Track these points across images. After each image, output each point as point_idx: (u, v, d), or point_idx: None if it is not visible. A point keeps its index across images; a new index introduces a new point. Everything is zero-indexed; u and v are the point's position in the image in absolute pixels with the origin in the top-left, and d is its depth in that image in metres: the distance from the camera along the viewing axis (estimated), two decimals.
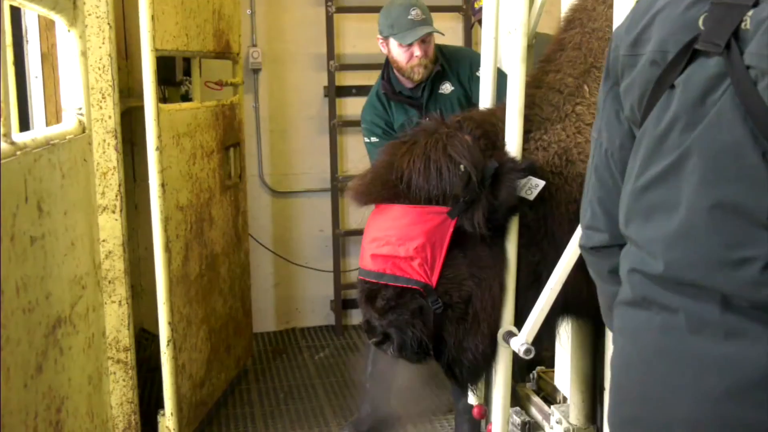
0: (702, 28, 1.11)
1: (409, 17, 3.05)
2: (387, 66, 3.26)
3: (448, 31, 3.80)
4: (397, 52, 3.10)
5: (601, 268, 1.39)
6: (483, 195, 1.93)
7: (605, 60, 1.35)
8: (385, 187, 1.99)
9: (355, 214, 4.68)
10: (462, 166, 1.91)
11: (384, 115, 3.23)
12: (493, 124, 2.07)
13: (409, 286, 1.96)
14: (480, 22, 3.18)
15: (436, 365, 2.13)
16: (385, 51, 3.19)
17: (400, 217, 1.97)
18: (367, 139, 3.24)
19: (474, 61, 3.18)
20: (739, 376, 1.07)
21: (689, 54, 1.12)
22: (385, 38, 3.13)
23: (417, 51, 3.07)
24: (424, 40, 3.06)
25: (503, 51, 2.34)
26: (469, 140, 1.97)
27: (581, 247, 1.43)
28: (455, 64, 3.20)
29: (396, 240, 1.95)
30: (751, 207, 1.05)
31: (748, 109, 1.04)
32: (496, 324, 2.08)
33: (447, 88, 3.18)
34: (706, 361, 1.10)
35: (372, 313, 2.01)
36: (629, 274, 1.22)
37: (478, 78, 3.14)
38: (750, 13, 1.05)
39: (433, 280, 1.95)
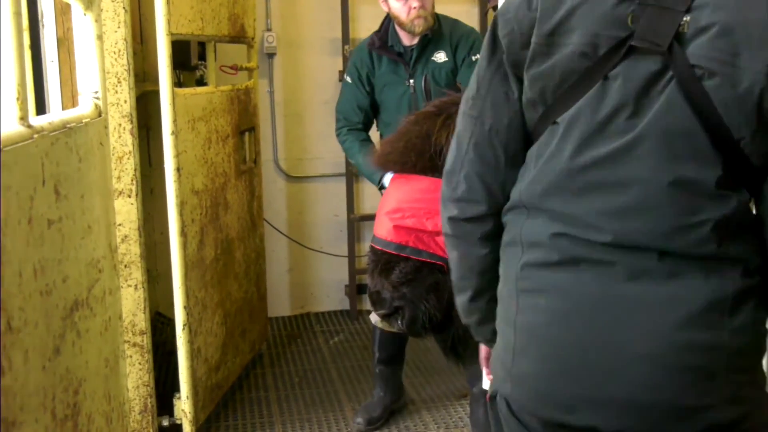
0: (631, 26, 1.24)
1: None
2: (385, 21, 3.36)
3: (463, 15, 3.78)
4: (396, 6, 3.21)
5: (473, 236, 1.50)
6: None
7: (487, 42, 1.44)
8: (421, 159, 1.97)
9: (371, 199, 4.68)
10: None
11: (368, 63, 3.36)
12: None
13: (432, 261, 1.94)
14: (495, 8, 3.17)
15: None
16: (385, 9, 3.30)
17: (432, 190, 1.95)
18: (345, 77, 3.46)
19: (476, 46, 3.24)
20: (685, 309, 1.25)
21: (624, 50, 1.25)
22: None
23: (414, 2, 3.16)
24: None
25: None
26: None
27: (452, 218, 1.51)
28: (457, 39, 3.28)
29: (424, 213, 1.93)
30: (701, 180, 1.24)
31: (693, 101, 1.21)
32: None
33: (441, 57, 3.28)
34: (651, 301, 1.26)
35: (385, 285, 1.99)
36: (553, 238, 1.33)
37: (471, 62, 3.21)
38: (687, 18, 1.21)
39: None
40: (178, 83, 3.84)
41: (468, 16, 4.51)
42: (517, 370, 1.39)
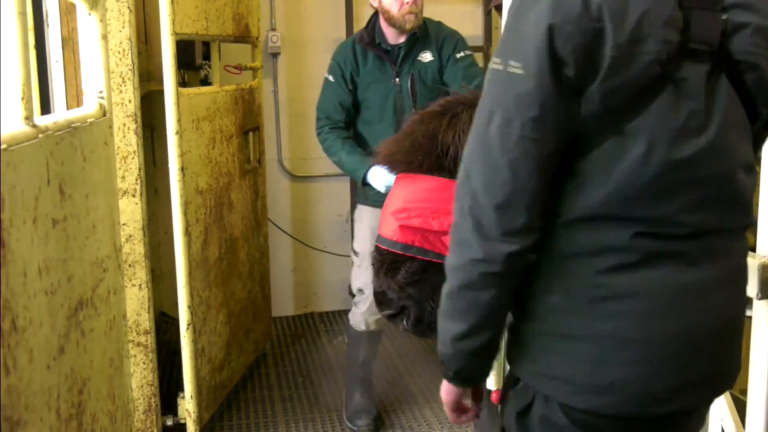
0: (683, 29, 1.30)
1: None
2: (372, 18, 3.35)
3: (467, 15, 3.78)
4: (388, 1, 3.19)
5: (520, 267, 1.38)
6: None
7: (544, 57, 1.30)
8: (428, 158, 1.96)
9: None
10: None
11: (352, 61, 3.32)
12: None
13: (438, 260, 1.93)
14: (497, 8, 3.17)
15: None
16: (375, 4, 3.27)
17: (439, 190, 1.93)
18: (327, 75, 3.40)
19: (459, 44, 3.27)
20: (731, 282, 1.41)
21: (686, 53, 1.31)
22: None
23: None
24: None
25: None
26: None
27: (513, 254, 1.35)
28: (441, 39, 3.31)
29: (430, 213, 1.92)
30: (752, 161, 1.41)
31: (741, 93, 1.35)
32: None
33: (427, 56, 3.29)
34: (711, 280, 1.38)
35: (391, 285, 1.98)
36: (634, 239, 1.34)
37: (456, 59, 3.22)
38: (724, 17, 1.31)
39: None
40: (182, 83, 3.84)
41: (472, 16, 4.50)
42: (602, 380, 1.37)
